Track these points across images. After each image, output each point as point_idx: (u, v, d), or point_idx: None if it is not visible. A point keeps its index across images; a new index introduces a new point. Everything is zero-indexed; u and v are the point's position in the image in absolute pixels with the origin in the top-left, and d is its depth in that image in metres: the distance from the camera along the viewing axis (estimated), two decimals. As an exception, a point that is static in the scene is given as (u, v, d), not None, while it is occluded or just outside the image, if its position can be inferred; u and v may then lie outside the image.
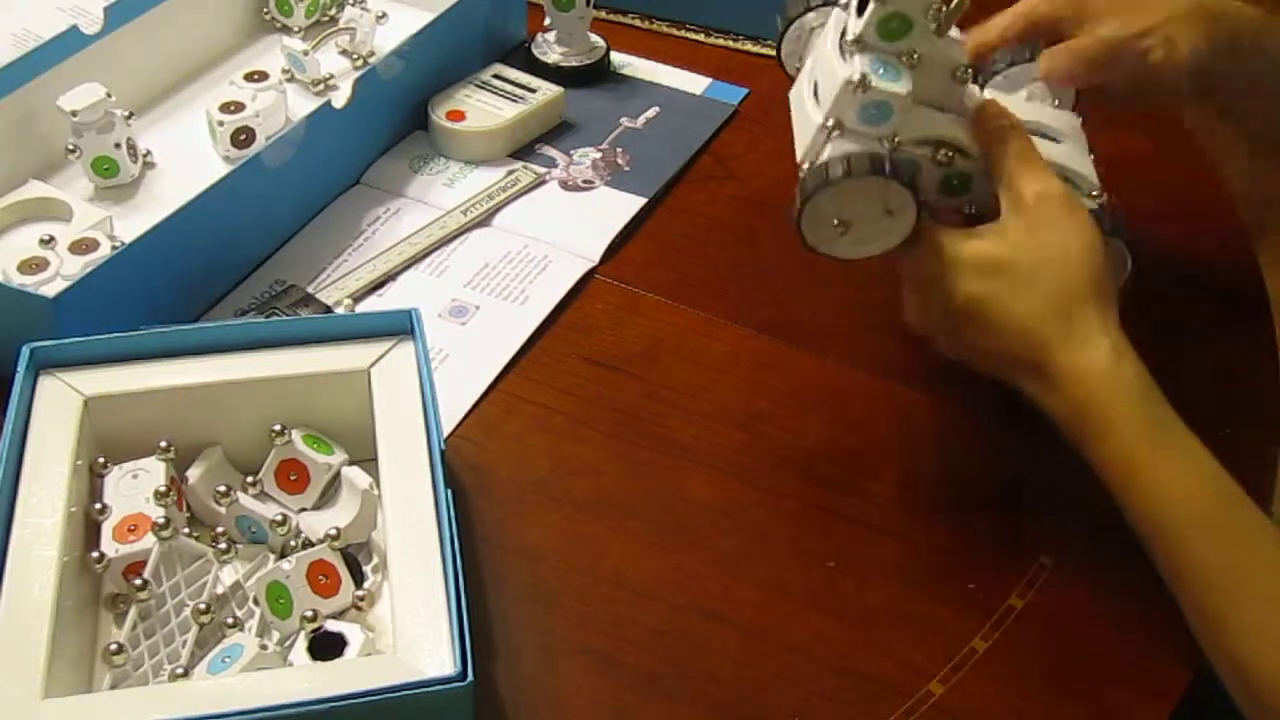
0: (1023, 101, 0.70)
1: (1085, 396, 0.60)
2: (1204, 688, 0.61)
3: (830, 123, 0.62)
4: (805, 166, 0.64)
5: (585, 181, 0.88)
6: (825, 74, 0.63)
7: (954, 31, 0.64)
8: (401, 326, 0.66)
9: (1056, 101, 0.71)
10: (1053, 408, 0.61)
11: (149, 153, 0.85)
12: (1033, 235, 0.62)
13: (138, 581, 0.56)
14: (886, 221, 0.63)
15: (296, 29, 0.97)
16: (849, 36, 0.62)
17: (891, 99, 0.61)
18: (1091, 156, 0.69)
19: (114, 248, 0.76)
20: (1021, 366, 0.62)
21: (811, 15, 0.71)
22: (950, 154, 0.65)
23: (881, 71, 0.61)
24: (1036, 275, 0.61)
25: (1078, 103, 0.72)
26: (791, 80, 0.69)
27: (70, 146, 0.81)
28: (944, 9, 0.61)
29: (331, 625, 0.57)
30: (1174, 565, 0.59)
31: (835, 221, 0.63)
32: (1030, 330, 0.61)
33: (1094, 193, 0.66)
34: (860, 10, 0.62)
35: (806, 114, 0.65)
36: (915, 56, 0.62)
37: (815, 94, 0.65)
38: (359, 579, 0.60)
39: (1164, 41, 0.67)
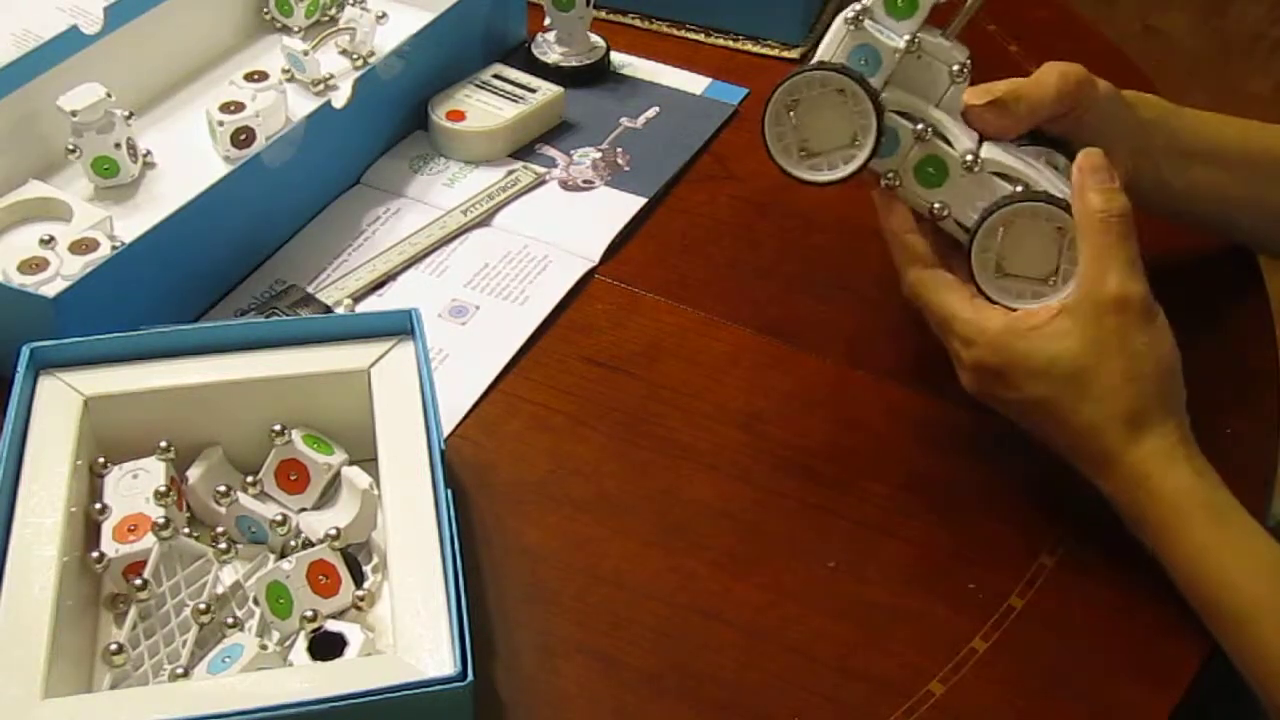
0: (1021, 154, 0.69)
1: (1148, 498, 0.61)
2: (1205, 687, 0.61)
3: (828, 59, 0.65)
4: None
5: (585, 181, 0.88)
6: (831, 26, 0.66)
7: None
8: (401, 326, 0.66)
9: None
10: (1114, 499, 0.63)
11: (149, 153, 0.85)
12: (1107, 339, 0.62)
13: (138, 581, 0.56)
14: (849, 152, 0.66)
15: (296, 29, 0.97)
16: (859, 7, 0.64)
17: (882, 49, 0.64)
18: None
19: (114, 248, 0.76)
20: (1086, 460, 0.64)
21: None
22: (929, 130, 0.66)
23: (884, 28, 0.64)
24: (1110, 386, 0.62)
25: None
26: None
27: (70, 146, 0.81)
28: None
29: (331, 625, 0.57)
30: (1244, 651, 0.59)
31: (802, 152, 0.67)
32: (1097, 433, 0.62)
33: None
34: None
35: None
36: (917, 42, 0.64)
37: None
38: (359, 579, 0.60)
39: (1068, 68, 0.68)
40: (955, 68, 0.66)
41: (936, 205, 0.68)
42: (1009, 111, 0.66)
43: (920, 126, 0.66)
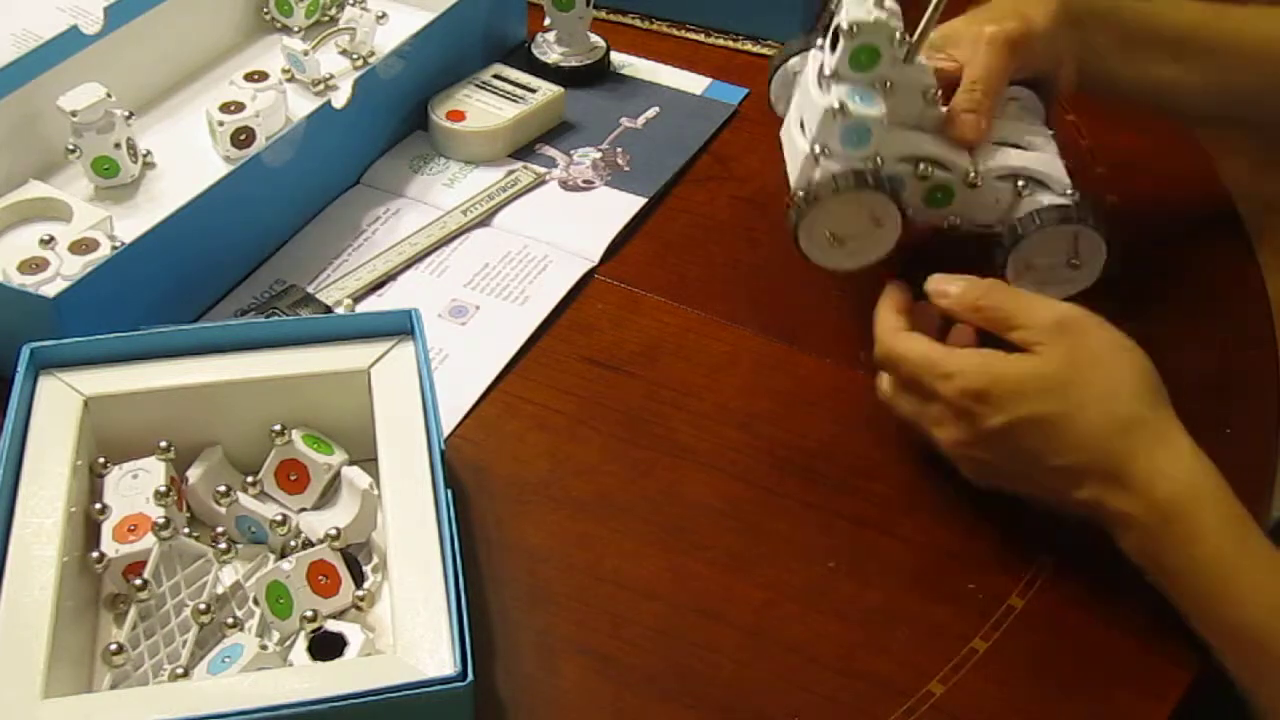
0: (1001, 120, 0.73)
1: (1171, 498, 0.59)
2: (1204, 688, 0.61)
3: (817, 149, 0.68)
4: (800, 197, 0.70)
5: (585, 181, 0.88)
6: (809, 108, 0.70)
7: (921, 58, 0.69)
8: (401, 326, 0.66)
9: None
10: (1130, 512, 0.60)
11: (149, 153, 0.85)
12: (1081, 352, 0.62)
13: (138, 581, 0.56)
14: (876, 232, 0.70)
15: (296, 29, 0.97)
16: (825, 72, 0.68)
17: (869, 122, 0.67)
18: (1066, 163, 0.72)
19: (114, 248, 0.76)
20: (1094, 476, 0.61)
21: (795, 60, 0.76)
22: (929, 168, 0.70)
23: (859, 99, 0.67)
24: (1107, 388, 0.61)
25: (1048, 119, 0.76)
26: (779, 118, 0.75)
27: (70, 146, 0.81)
28: (908, 37, 0.67)
29: (331, 625, 0.57)
30: (1259, 671, 0.58)
31: (829, 235, 0.69)
32: (1110, 438, 0.60)
33: (1067, 191, 0.70)
34: (834, 47, 0.68)
35: (796, 146, 0.71)
36: (888, 84, 0.68)
37: (802, 127, 0.71)
38: (359, 579, 0.60)
39: (1015, 14, 0.71)
40: (928, 92, 0.69)
41: (949, 221, 0.72)
42: (989, 112, 0.69)
43: (922, 167, 0.70)
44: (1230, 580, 0.58)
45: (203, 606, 0.57)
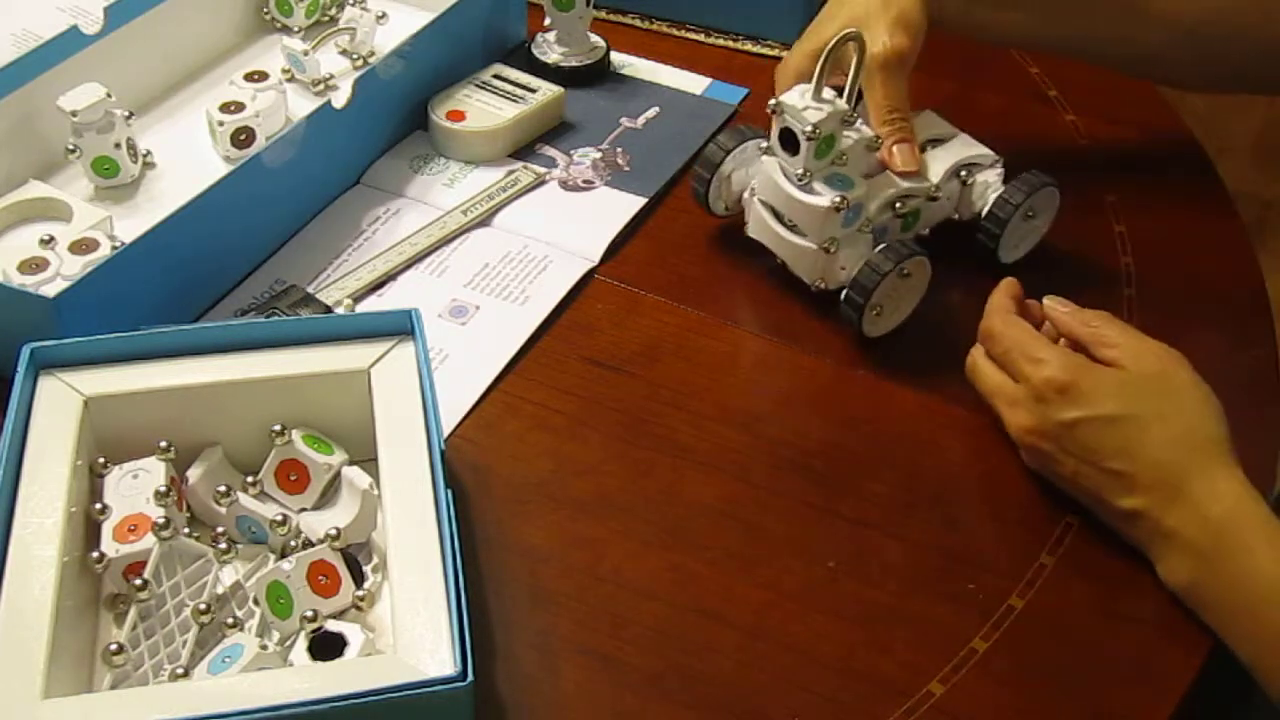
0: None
1: (1224, 518, 0.61)
2: (1204, 689, 0.61)
3: (826, 242, 0.75)
4: (821, 284, 0.77)
5: (585, 181, 0.88)
6: (799, 211, 0.75)
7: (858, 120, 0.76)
8: (401, 326, 0.66)
9: None
10: (1181, 529, 0.62)
11: (149, 153, 0.85)
12: (1163, 379, 0.65)
13: (138, 581, 0.56)
14: (907, 283, 0.75)
15: (296, 29, 0.97)
16: (797, 171, 0.74)
17: (860, 198, 0.74)
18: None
19: (114, 248, 0.76)
20: (1149, 487, 0.63)
21: (729, 160, 0.81)
22: (902, 203, 0.77)
23: (841, 185, 0.74)
24: (1180, 411, 0.64)
25: None
26: (713, 215, 0.83)
27: (70, 146, 0.81)
28: (851, 116, 0.73)
29: (331, 625, 0.57)
30: None
31: (877, 311, 0.75)
32: (1175, 453, 0.63)
33: (995, 162, 0.80)
34: (790, 148, 0.74)
35: (792, 244, 0.77)
36: (844, 156, 0.74)
37: (783, 222, 0.77)
38: (359, 579, 0.60)
39: (895, 22, 0.77)
40: (871, 143, 0.76)
41: (924, 231, 0.80)
42: (914, 134, 0.77)
43: (898, 205, 0.76)
44: (1275, 593, 0.59)
45: (203, 606, 0.57)
